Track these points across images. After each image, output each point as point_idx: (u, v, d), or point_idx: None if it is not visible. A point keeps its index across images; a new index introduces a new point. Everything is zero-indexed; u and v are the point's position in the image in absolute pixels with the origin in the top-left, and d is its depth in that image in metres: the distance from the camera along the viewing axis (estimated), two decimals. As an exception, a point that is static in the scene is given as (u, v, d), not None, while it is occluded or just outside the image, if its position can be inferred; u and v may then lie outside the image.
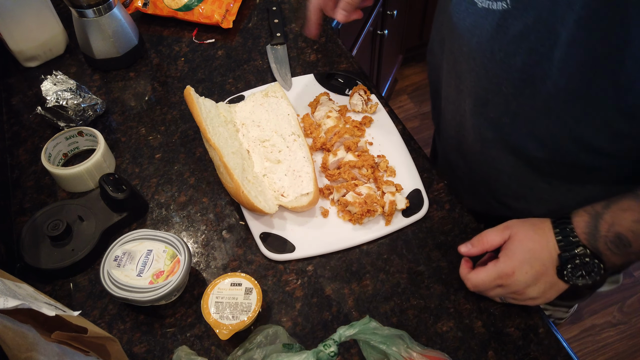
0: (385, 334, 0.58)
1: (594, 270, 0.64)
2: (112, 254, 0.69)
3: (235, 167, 0.77)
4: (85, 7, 0.92)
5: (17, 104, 0.98)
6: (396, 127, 0.90)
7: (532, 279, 0.66)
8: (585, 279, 0.65)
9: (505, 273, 0.67)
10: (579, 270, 0.64)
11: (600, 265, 0.64)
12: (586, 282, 0.65)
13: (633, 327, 1.73)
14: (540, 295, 0.67)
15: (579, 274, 0.64)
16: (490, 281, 0.68)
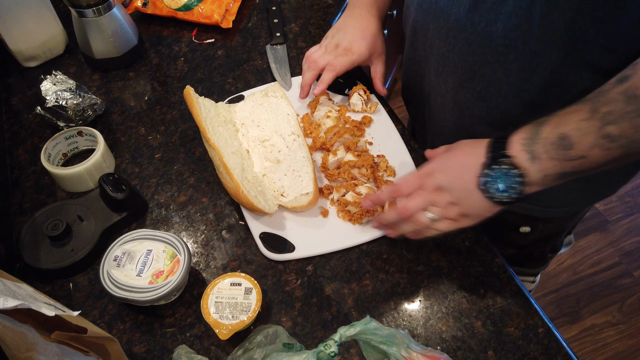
0: (386, 334, 0.58)
1: (515, 182, 0.62)
2: (112, 253, 0.69)
3: (234, 167, 0.77)
4: (84, 7, 0.92)
5: (16, 103, 0.98)
6: (396, 127, 0.90)
7: (450, 180, 0.66)
8: (506, 192, 0.63)
9: (425, 171, 0.68)
10: (498, 181, 0.63)
11: (522, 176, 0.62)
12: (505, 195, 0.64)
13: (632, 327, 1.73)
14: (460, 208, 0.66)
15: (497, 186, 0.63)
16: (413, 181, 0.69)
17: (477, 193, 0.65)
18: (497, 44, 0.69)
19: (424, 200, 0.68)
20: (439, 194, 0.67)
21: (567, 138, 0.60)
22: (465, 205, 0.67)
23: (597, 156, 0.60)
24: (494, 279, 0.73)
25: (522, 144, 0.62)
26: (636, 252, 1.89)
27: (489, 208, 0.66)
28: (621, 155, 0.60)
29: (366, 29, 0.90)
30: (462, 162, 0.67)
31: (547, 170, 0.62)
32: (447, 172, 0.68)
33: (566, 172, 0.62)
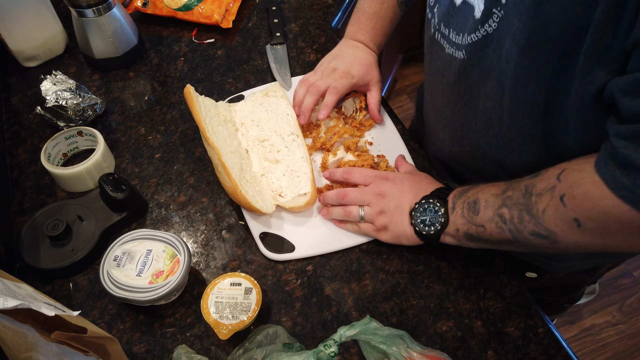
0: (386, 334, 0.58)
1: (437, 222, 0.69)
2: (112, 253, 0.69)
3: (233, 166, 0.77)
4: (84, 7, 0.92)
5: (16, 103, 0.98)
6: (396, 127, 0.90)
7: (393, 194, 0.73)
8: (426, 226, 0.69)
9: (382, 175, 0.76)
10: (426, 213, 0.70)
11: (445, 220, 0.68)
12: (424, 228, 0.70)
13: (632, 327, 1.73)
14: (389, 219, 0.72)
15: (423, 217, 0.70)
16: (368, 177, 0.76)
17: (406, 216, 0.71)
18: (479, 118, 0.73)
19: (365, 197, 0.74)
20: (378, 198, 0.73)
21: (477, 204, 0.66)
22: (392, 220, 0.72)
23: (493, 231, 0.64)
24: (494, 279, 0.73)
25: (454, 195, 0.69)
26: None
27: (408, 235, 0.72)
28: (511, 240, 0.64)
29: (364, 58, 0.89)
30: (412, 187, 0.73)
31: (457, 225, 0.68)
32: (396, 187, 0.74)
33: (472, 234, 0.67)
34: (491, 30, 0.62)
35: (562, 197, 0.57)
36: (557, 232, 0.58)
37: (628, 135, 0.51)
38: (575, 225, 0.56)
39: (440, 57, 0.74)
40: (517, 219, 0.61)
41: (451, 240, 0.69)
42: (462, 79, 0.71)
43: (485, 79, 0.67)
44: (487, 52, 0.64)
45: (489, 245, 0.67)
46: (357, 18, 0.92)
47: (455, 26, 0.68)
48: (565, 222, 0.57)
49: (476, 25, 0.63)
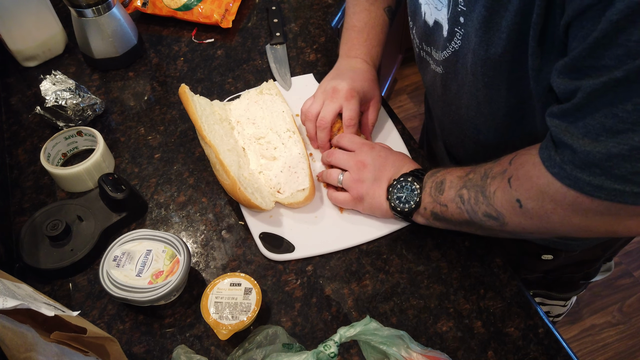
0: (385, 334, 0.57)
1: (411, 199, 0.71)
2: (111, 254, 0.69)
3: (231, 164, 0.77)
4: (84, 7, 0.92)
5: (16, 103, 0.98)
6: (396, 127, 0.90)
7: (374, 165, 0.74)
8: (400, 202, 0.71)
9: (369, 145, 0.77)
10: (402, 190, 0.71)
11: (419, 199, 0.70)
12: (397, 204, 0.72)
13: (633, 327, 1.73)
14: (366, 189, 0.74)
15: (399, 194, 0.72)
16: (355, 144, 0.78)
17: (384, 190, 0.73)
18: (468, 126, 0.77)
19: (347, 162, 0.77)
20: (359, 166, 0.75)
21: (443, 184, 0.68)
22: (369, 192, 0.74)
23: (454, 211, 0.67)
24: (494, 279, 0.73)
25: (427, 175, 0.71)
26: (636, 252, 1.89)
27: (383, 208, 0.74)
28: (469, 221, 0.66)
29: (363, 73, 0.87)
30: (395, 163, 0.75)
31: (426, 204, 0.70)
32: (380, 159, 0.75)
33: (437, 213, 0.69)
34: (457, 47, 0.67)
35: (509, 178, 0.59)
36: (505, 213, 0.61)
37: (558, 114, 0.53)
38: (518, 206, 0.59)
39: (428, 72, 0.80)
40: (473, 200, 0.64)
41: (421, 219, 0.72)
42: (445, 91, 0.77)
43: (462, 91, 0.72)
44: (458, 67, 0.69)
45: (452, 226, 0.70)
46: (348, 35, 0.90)
47: (433, 44, 0.73)
48: (509, 203, 0.60)
49: (445, 43, 0.69)
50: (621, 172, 0.48)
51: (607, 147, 0.48)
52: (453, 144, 0.89)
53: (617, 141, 0.47)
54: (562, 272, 0.99)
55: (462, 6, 0.62)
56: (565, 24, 0.50)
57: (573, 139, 0.51)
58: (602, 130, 0.48)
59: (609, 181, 0.49)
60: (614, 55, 0.45)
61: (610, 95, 0.47)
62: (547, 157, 0.54)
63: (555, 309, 1.17)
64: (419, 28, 0.76)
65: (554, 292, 1.10)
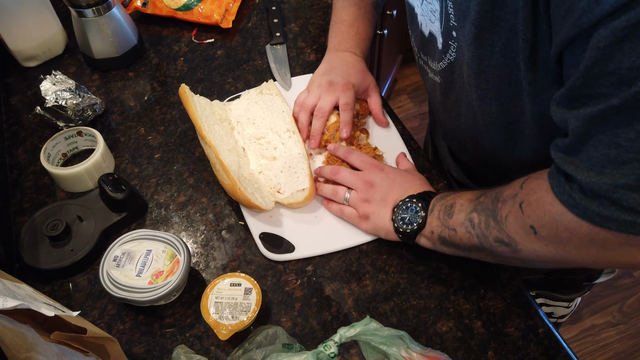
0: (386, 335, 0.57)
1: (415, 222, 0.69)
2: (112, 254, 0.69)
3: (231, 164, 0.77)
4: (84, 7, 0.92)
5: (16, 103, 0.98)
6: (396, 127, 0.90)
7: (382, 186, 0.74)
8: (403, 224, 0.70)
9: (378, 166, 0.77)
10: (407, 211, 0.70)
11: (423, 221, 0.68)
12: (401, 225, 0.70)
13: (633, 327, 1.73)
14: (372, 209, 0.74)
15: (403, 215, 0.70)
16: (364, 163, 0.77)
17: (389, 211, 0.72)
18: (467, 134, 0.77)
19: (355, 181, 0.76)
20: (367, 186, 0.75)
21: (453, 207, 0.66)
22: (374, 211, 0.73)
23: (463, 235, 0.65)
24: (494, 279, 0.73)
25: (435, 198, 0.70)
26: (636, 252, 1.89)
27: (386, 229, 0.72)
28: (478, 246, 0.64)
29: (356, 65, 0.88)
30: (402, 182, 0.74)
31: (433, 227, 0.68)
32: (388, 180, 0.75)
33: (444, 237, 0.67)
34: (452, 59, 0.67)
35: (521, 203, 0.57)
36: (517, 239, 0.58)
37: (562, 147, 0.52)
38: (532, 233, 0.56)
39: (428, 80, 0.80)
40: (484, 224, 0.61)
41: (426, 242, 0.70)
42: (444, 100, 0.77)
43: (460, 100, 0.73)
44: (455, 77, 0.70)
45: (460, 252, 0.67)
46: (337, 29, 0.91)
47: (429, 54, 0.74)
48: (523, 229, 0.57)
49: (440, 55, 0.69)
50: (630, 203, 0.47)
51: (613, 179, 0.46)
52: (456, 148, 0.90)
53: (623, 172, 0.46)
54: (564, 273, 0.99)
55: (454, 21, 0.62)
56: (555, 53, 0.50)
57: (578, 172, 0.49)
58: (606, 162, 0.47)
59: (619, 212, 0.47)
60: (608, 83, 0.44)
61: (610, 123, 0.45)
62: (557, 183, 0.52)
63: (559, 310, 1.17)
64: (416, 37, 0.77)
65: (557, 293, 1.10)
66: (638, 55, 0.41)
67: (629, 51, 0.41)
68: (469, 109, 0.71)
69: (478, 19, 0.56)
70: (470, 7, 0.57)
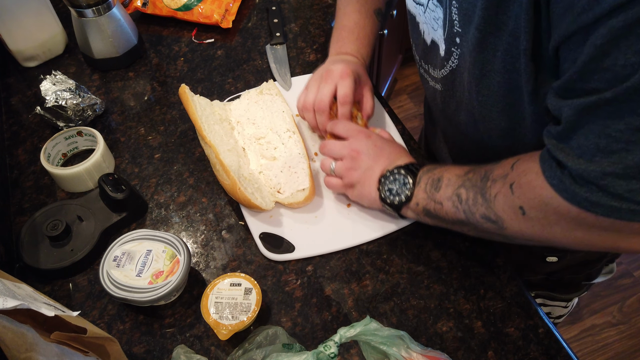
0: (386, 335, 0.58)
1: (402, 192, 0.70)
2: (112, 254, 0.69)
3: (231, 164, 0.77)
4: (84, 7, 0.92)
5: (16, 103, 0.98)
6: (396, 127, 0.90)
7: (369, 154, 0.74)
8: (390, 194, 0.71)
9: (366, 133, 0.76)
10: (394, 182, 0.71)
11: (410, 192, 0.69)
12: (387, 195, 0.71)
13: (633, 327, 1.73)
14: (358, 178, 0.74)
15: (390, 186, 0.71)
16: (352, 131, 0.77)
17: (375, 180, 0.72)
18: (469, 140, 0.77)
19: (341, 150, 0.76)
20: (353, 154, 0.74)
21: (440, 181, 0.67)
22: (360, 180, 0.74)
23: (449, 209, 0.66)
24: (494, 279, 0.73)
25: (422, 170, 0.70)
26: (636, 252, 1.89)
27: (372, 198, 0.73)
28: (464, 221, 0.65)
29: (355, 64, 0.85)
30: (389, 152, 0.74)
31: (419, 199, 0.69)
32: (375, 148, 0.74)
33: (429, 210, 0.68)
34: (455, 66, 0.68)
35: (511, 184, 0.59)
36: (505, 218, 0.60)
37: (554, 134, 0.54)
38: (520, 213, 0.58)
39: (429, 88, 0.80)
40: (471, 201, 0.63)
41: (411, 214, 0.71)
42: (445, 107, 0.78)
43: (460, 108, 0.73)
44: (456, 84, 0.70)
45: (444, 224, 0.69)
46: (338, 34, 0.90)
47: (431, 62, 0.74)
48: (512, 209, 0.59)
49: (442, 62, 0.70)
50: (616, 190, 0.49)
51: (601, 166, 0.49)
52: (458, 153, 0.90)
53: (612, 161, 0.48)
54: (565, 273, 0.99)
55: (458, 28, 0.63)
56: (553, 47, 0.51)
57: (569, 159, 0.51)
58: (596, 151, 0.49)
59: (606, 198, 0.50)
60: (603, 79, 0.46)
61: (602, 114, 0.47)
62: (549, 168, 0.54)
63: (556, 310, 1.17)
64: (418, 46, 0.77)
65: (555, 294, 1.10)
66: (633, 53, 0.43)
67: (625, 49, 0.43)
68: (469, 117, 0.72)
69: (482, 24, 0.57)
70: (475, 12, 0.57)
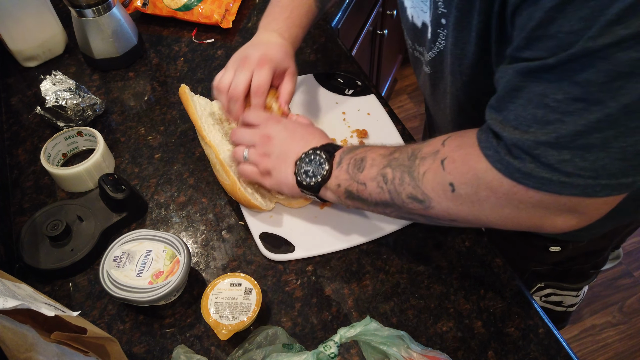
0: (386, 335, 0.58)
1: (319, 174, 0.67)
2: (112, 254, 0.69)
3: (231, 164, 0.77)
4: (84, 7, 0.92)
5: (16, 103, 0.98)
6: (396, 127, 0.90)
7: (280, 138, 0.71)
8: (307, 177, 0.68)
9: (275, 118, 0.74)
10: (310, 164, 0.68)
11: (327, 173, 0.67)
12: (304, 178, 0.68)
13: (633, 327, 1.73)
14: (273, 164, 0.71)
15: (306, 168, 0.68)
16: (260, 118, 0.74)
17: (291, 164, 0.70)
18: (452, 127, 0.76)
19: (252, 137, 0.74)
20: (265, 140, 0.72)
21: (364, 161, 0.65)
22: (276, 166, 0.71)
23: (373, 190, 0.64)
24: (494, 279, 0.73)
25: (342, 151, 0.68)
26: (636, 252, 1.89)
27: (289, 183, 0.70)
28: (388, 202, 0.64)
29: (280, 44, 0.81)
30: (302, 134, 0.72)
31: (340, 180, 0.67)
32: (287, 132, 0.72)
33: (352, 191, 0.66)
34: (442, 47, 0.68)
35: (443, 160, 0.58)
36: (432, 196, 0.59)
37: (494, 104, 0.54)
38: (450, 190, 0.57)
39: (420, 73, 0.80)
40: (398, 180, 0.61)
41: (331, 195, 0.69)
42: (434, 91, 0.77)
43: (447, 91, 0.73)
44: (444, 66, 0.70)
45: (366, 206, 0.67)
46: (270, 10, 0.87)
47: (422, 44, 0.73)
48: (440, 186, 0.58)
49: (430, 44, 0.70)
50: (548, 160, 0.49)
51: (535, 136, 0.49)
52: None
53: (546, 131, 0.48)
54: (571, 263, 0.99)
55: (442, 8, 0.63)
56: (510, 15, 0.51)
57: (505, 129, 0.51)
58: (532, 122, 0.49)
59: (538, 169, 0.50)
60: (547, 47, 0.46)
61: (542, 82, 0.47)
62: (485, 138, 0.54)
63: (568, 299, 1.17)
64: (409, 30, 0.77)
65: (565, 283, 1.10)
66: (577, 20, 0.43)
67: (570, 15, 0.43)
68: (453, 100, 0.72)
69: (460, 2, 0.58)
70: None
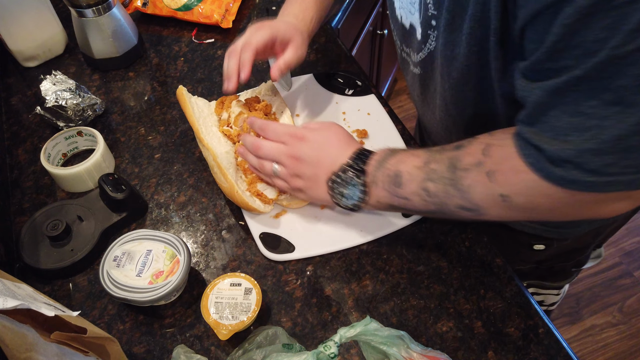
0: (386, 335, 0.58)
1: (357, 194, 0.67)
2: (112, 254, 0.69)
3: (228, 166, 0.77)
4: (84, 7, 0.92)
5: (16, 103, 0.98)
6: (396, 127, 0.90)
7: (310, 159, 0.70)
8: (345, 199, 0.68)
9: (298, 134, 0.72)
10: (345, 185, 0.68)
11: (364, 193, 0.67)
12: (344, 201, 0.69)
13: (633, 327, 1.73)
14: (304, 184, 0.71)
15: (342, 190, 0.68)
16: (281, 133, 0.72)
17: (324, 185, 0.69)
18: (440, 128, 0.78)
19: (279, 157, 0.72)
20: (293, 161, 0.71)
21: (399, 177, 0.64)
22: (308, 186, 0.71)
23: (418, 203, 0.64)
24: (494, 279, 0.73)
25: (373, 166, 0.67)
26: (636, 252, 1.89)
27: (325, 200, 0.71)
28: (436, 211, 0.64)
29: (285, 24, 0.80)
30: (329, 151, 0.70)
31: (379, 198, 0.67)
32: (314, 150, 0.71)
33: (394, 205, 0.67)
34: (432, 48, 0.68)
35: (489, 172, 0.58)
36: (483, 205, 0.60)
37: (525, 120, 0.55)
38: (501, 201, 0.58)
39: (409, 73, 0.80)
40: (442, 193, 0.62)
41: (372, 208, 0.70)
42: (423, 91, 0.78)
43: (436, 92, 0.73)
44: (434, 67, 0.70)
45: (416, 213, 0.72)
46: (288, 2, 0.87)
47: (411, 45, 0.74)
48: (491, 198, 0.59)
49: (420, 45, 0.70)
50: (591, 166, 0.50)
51: (576, 145, 0.49)
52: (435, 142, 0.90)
53: (586, 138, 0.49)
54: (554, 261, 1.00)
55: (433, 10, 0.63)
56: (519, 28, 0.51)
57: (542, 141, 0.52)
58: (570, 130, 0.49)
59: (582, 174, 0.51)
60: (572, 56, 0.46)
61: (573, 94, 0.48)
62: (525, 148, 0.55)
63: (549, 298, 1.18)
64: (398, 30, 0.77)
65: (547, 282, 1.11)
66: (601, 29, 0.43)
67: (594, 26, 0.44)
68: (442, 101, 0.73)
69: (450, 5, 0.59)
70: None
